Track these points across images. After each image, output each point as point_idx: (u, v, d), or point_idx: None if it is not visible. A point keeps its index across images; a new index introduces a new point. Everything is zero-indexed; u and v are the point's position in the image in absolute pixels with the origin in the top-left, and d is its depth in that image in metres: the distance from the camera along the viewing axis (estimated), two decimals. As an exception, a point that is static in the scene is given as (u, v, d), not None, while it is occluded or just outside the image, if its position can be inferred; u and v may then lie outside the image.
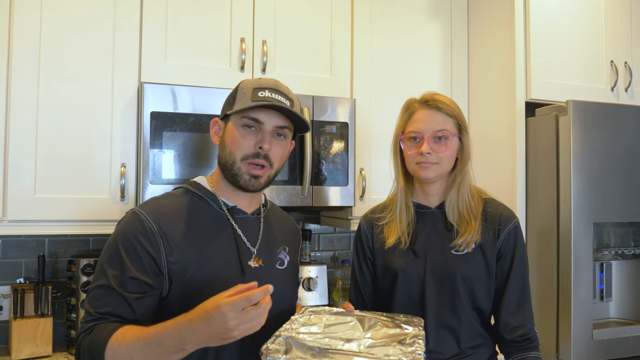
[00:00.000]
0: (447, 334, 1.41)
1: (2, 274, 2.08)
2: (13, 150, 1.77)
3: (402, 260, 1.46)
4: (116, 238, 1.17)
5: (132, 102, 1.91)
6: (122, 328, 1.07)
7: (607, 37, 2.35)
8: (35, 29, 1.80)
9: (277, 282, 1.19)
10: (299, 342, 1.04)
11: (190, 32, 2.01)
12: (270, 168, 1.24)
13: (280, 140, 1.26)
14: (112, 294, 1.12)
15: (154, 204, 1.23)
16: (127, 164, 1.89)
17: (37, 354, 1.90)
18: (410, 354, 1.02)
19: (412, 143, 1.44)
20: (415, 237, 1.47)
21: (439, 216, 1.48)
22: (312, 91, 2.13)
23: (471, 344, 1.43)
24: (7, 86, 1.77)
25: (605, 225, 2.10)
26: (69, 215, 1.83)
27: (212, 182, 1.30)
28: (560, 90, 2.22)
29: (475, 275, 1.42)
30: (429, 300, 1.42)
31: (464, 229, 1.42)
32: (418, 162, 1.42)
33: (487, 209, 1.47)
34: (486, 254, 1.43)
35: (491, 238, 1.44)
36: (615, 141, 2.06)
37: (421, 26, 2.40)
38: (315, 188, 2.07)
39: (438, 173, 1.44)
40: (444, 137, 1.41)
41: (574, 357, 1.95)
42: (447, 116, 1.43)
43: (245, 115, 1.22)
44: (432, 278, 1.42)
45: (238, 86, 1.28)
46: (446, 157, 1.42)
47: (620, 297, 2.20)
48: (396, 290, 1.45)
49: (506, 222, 1.45)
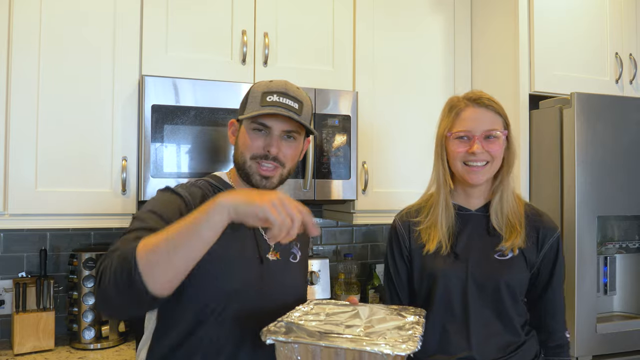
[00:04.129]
0: (492, 338, 1.39)
1: (4, 268, 2.08)
2: (14, 144, 1.77)
3: (442, 263, 1.41)
4: (154, 202, 1.18)
5: (133, 95, 1.90)
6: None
7: (612, 29, 2.33)
8: (35, 20, 1.79)
9: (291, 275, 1.24)
10: (300, 327, 1.06)
11: (191, 24, 1.99)
12: (283, 167, 1.28)
13: (290, 141, 1.29)
14: (142, 236, 1.05)
15: (182, 186, 1.26)
16: (129, 157, 1.88)
17: (39, 348, 1.90)
18: (407, 336, 1.02)
19: (461, 142, 1.39)
20: (455, 240, 1.42)
21: (481, 219, 1.44)
22: (314, 84, 2.12)
23: (515, 346, 1.41)
24: (7, 79, 1.76)
25: (609, 219, 2.08)
26: (70, 209, 1.82)
27: (231, 177, 1.35)
28: (564, 82, 2.21)
29: (518, 282, 1.40)
30: (472, 305, 1.38)
31: (510, 233, 1.39)
32: (466, 161, 1.38)
33: (529, 214, 1.44)
34: (528, 261, 1.41)
35: (534, 245, 1.41)
36: (620, 134, 2.04)
37: (424, 18, 2.38)
38: (318, 181, 2.06)
39: (488, 176, 1.40)
40: (494, 136, 1.38)
41: (578, 350, 1.94)
42: (496, 114, 1.40)
43: (254, 121, 1.26)
44: (474, 283, 1.38)
45: (250, 90, 1.31)
46: (497, 156, 1.39)
47: (624, 290, 2.18)
48: (435, 294, 1.41)
49: (551, 232, 1.43)
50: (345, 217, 2.31)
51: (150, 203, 1.19)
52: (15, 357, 1.86)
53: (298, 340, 0.99)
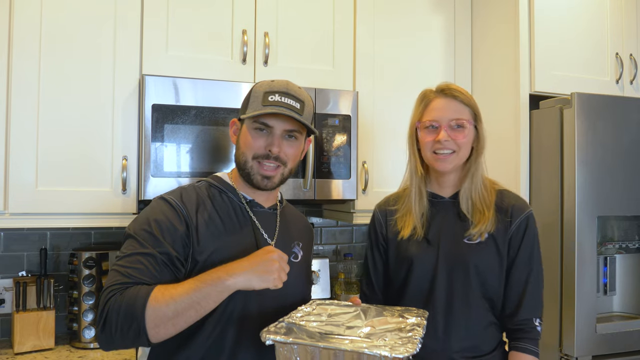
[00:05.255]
0: (457, 323, 1.41)
1: (4, 267, 2.08)
2: (14, 143, 1.77)
3: (416, 249, 1.46)
4: (148, 217, 1.19)
5: (134, 94, 1.90)
6: (160, 285, 1.09)
7: (612, 29, 2.33)
8: (35, 20, 1.79)
9: (291, 275, 1.22)
10: (300, 327, 1.07)
11: (192, 24, 1.99)
12: (284, 166, 1.29)
13: (292, 141, 1.29)
14: (145, 263, 1.13)
15: (180, 191, 1.27)
16: (129, 156, 1.88)
17: (39, 347, 1.91)
18: (406, 339, 1.03)
19: (429, 131, 1.45)
20: (428, 226, 1.47)
21: (452, 206, 1.49)
22: (314, 84, 2.12)
23: (481, 333, 1.43)
24: (7, 79, 1.76)
25: (609, 219, 2.09)
26: (70, 209, 1.82)
27: (232, 177, 1.35)
28: (564, 82, 2.21)
29: (488, 265, 1.42)
30: (439, 288, 1.42)
31: (478, 219, 1.43)
32: (435, 149, 1.43)
33: (500, 199, 1.48)
34: (498, 244, 1.43)
35: (503, 228, 1.44)
36: (620, 134, 2.04)
37: (424, 18, 2.38)
38: (318, 181, 2.06)
39: (455, 164, 1.44)
40: (460, 125, 1.43)
41: (578, 351, 1.94)
42: (463, 105, 1.44)
43: (256, 120, 1.26)
44: (444, 266, 1.43)
45: (252, 89, 1.31)
46: (464, 145, 1.43)
47: (624, 291, 2.19)
48: (409, 279, 1.46)
49: (518, 213, 1.45)
50: (345, 217, 2.31)
51: (144, 218, 1.20)
52: (16, 356, 1.87)
53: (297, 341, 1.00)
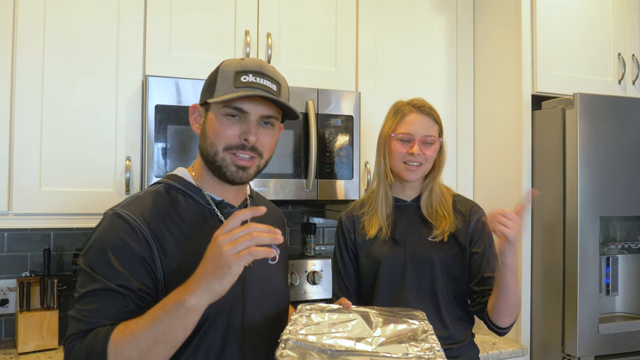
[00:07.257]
0: (429, 316, 1.41)
1: (8, 267, 2.09)
2: (18, 144, 1.77)
3: (384, 249, 1.56)
4: (102, 242, 1.04)
5: (137, 95, 1.91)
6: (120, 324, 0.98)
7: (615, 30, 2.33)
8: (39, 22, 1.80)
9: (270, 277, 1.17)
10: (309, 345, 1.02)
11: (194, 25, 2.00)
12: (260, 158, 1.14)
13: (268, 128, 1.14)
14: (103, 300, 1.01)
15: (137, 203, 1.11)
16: (132, 157, 1.89)
17: (43, 347, 1.91)
18: (428, 350, 1.02)
19: (402, 143, 1.55)
20: (394, 227, 1.59)
21: (415, 209, 1.62)
22: (316, 84, 2.12)
23: (453, 324, 1.53)
24: (11, 80, 1.77)
25: (611, 219, 2.08)
26: (74, 209, 1.83)
27: (195, 173, 1.19)
28: (567, 83, 2.21)
29: (451, 258, 1.55)
30: (409, 285, 1.53)
31: (440, 222, 1.56)
32: (406, 160, 1.54)
33: (457, 203, 1.63)
34: (459, 240, 1.57)
35: (463, 227, 1.58)
36: (623, 134, 2.04)
37: (427, 19, 2.38)
38: (320, 182, 2.06)
39: (421, 174, 1.58)
40: (430, 142, 1.55)
41: (580, 351, 1.94)
42: (434, 122, 1.58)
43: (228, 105, 1.09)
44: (412, 264, 1.54)
45: (219, 67, 1.14)
46: (430, 158, 1.57)
47: (627, 291, 2.19)
48: (379, 278, 1.55)
49: (475, 213, 1.61)
50: (347, 217, 2.31)
51: (98, 245, 1.05)
52: (19, 356, 1.87)
53: None
